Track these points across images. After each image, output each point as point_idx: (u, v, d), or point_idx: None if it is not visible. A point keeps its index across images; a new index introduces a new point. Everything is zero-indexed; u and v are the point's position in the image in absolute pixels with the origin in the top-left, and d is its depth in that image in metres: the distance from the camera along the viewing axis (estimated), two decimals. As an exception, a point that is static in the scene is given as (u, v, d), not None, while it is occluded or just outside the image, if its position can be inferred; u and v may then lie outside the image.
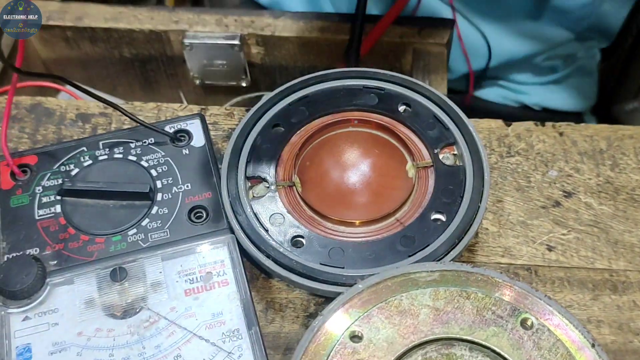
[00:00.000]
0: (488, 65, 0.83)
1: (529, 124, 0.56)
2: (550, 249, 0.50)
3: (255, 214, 0.45)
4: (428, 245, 0.43)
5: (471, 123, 0.48)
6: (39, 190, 0.48)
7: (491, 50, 0.82)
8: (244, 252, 0.45)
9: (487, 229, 0.51)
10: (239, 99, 0.71)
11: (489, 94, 0.89)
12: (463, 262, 0.48)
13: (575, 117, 0.91)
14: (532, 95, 0.89)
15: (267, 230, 0.44)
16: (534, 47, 0.82)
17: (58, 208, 0.47)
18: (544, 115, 0.89)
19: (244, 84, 0.72)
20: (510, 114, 0.89)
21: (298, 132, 0.49)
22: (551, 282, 0.49)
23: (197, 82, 0.73)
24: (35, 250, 0.45)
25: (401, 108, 0.50)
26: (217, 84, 0.73)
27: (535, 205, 0.52)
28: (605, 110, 1.00)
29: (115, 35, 0.70)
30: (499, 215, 0.52)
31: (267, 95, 0.50)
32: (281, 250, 0.43)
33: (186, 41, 0.68)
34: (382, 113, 0.50)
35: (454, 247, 0.43)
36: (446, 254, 0.43)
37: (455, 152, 0.48)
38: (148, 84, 0.76)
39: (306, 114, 0.50)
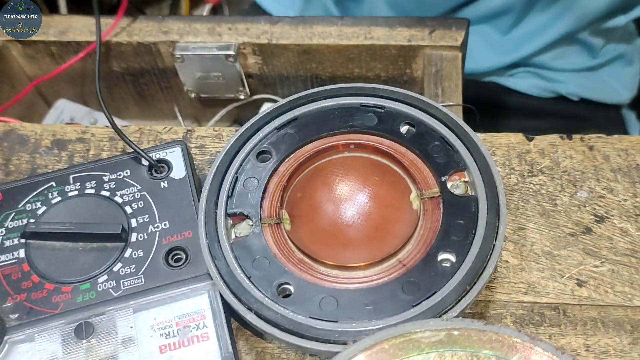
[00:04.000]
0: None
1: (554, 137, 0.50)
2: (580, 284, 0.44)
3: (236, 258, 0.39)
4: (435, 293, 0.37)
5: (483, 145, 0.42)
6: (1, 232, 0.43)
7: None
8: (225, 302, 0.40)
9: (507, 261, 0.45)
10: (224, 111, 0.65)
11: (522, 84, 0.82)
12: (474, 314, 0.42)
13: (613, 109, 0.84)
14: (568, 84, 0.82)
15: (249, 278, 0.38)
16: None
17: (22, 253, 0.43)
18: (580, 108, 0.82)
19: (242, 97, 0.67)
20: (545, 107, 0.82)
21: (287, 159, 0.43)
22: (582, 323, 0.42)
23: (192, 95, 0.68)
24: (-5, 303, 0.41)
25: (404, 129, 0.44)
26: (213, 97, 0.68)
27: (563, 233, 0.46)
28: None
29: (102, 49, 0.65)
30: (521, 245, 0.45)
31: (252, 119, 0.44)
32: (265, 301, 0.37)
33: (177, 53, 0.63)
34: (382, 135, 0.43)
35: (464, 295, 0.37)
36: (456, 304, 0.37)
37: (467, 179, 0.41)
38: (142, 99, 0.71)
39: (296, 138, 0.44)
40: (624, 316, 0.42)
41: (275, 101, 0.63)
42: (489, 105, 0.82)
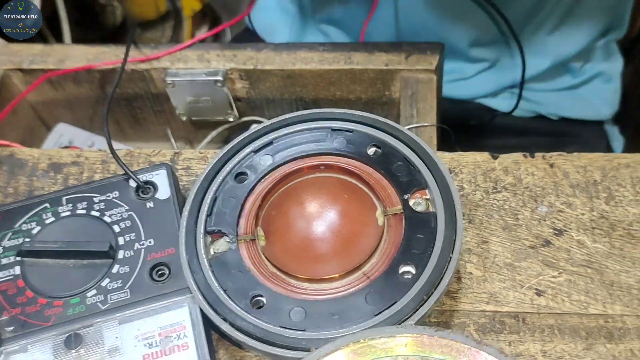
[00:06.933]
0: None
1: (517, 156, 0.53)
2: (539, 293, 0.47)
3: (213, 273, 0.42)
4: (395, 303, 0.40)
5: (443, 165, 0.45)
6: (-1, 251, 0.47)
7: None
8: (204, 313, 0.43)
9: (471, 273, 0.48)
10: (214, 133, 0.69)
11: (505, 105, 0.85)
12: (440, 322, 0.45)
13: (595, 126, 0.86)
14: (547, 105, 0.84)
15: (225, 290, 0.42)
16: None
17: (17, 270, 0.46)
18: (563, 125, 0.85)
19: (231, 119, 0.71)
20: (528, 125, 0.85)
21: (263, 180, 0.47)
22: (540, 330, 0.45)
23: (184, 118, 0.71)
24: (-8, 317, 0.44)
25: (371, 150, 0.47)
26: (204, 119, 0.71)
27: (524, 245, 0.49)
28: (629, 117, 0.95)
29: (98, 76, 0.69)
30: (484, 258, 0.48)
31: (230, 143, 0.48)
32: (239, 312, 0.41)
33: (168, 79, 0.66)
34: (351, 156, 0.47)
35: (422, 304, 0.40)
36: (414, 312, 0.40)
37: (428, 197, 0.44)
38: (136, 122, 0.75)
39: (271, 160, 0.47)
40: (580, 323, 0.45)
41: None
42: (471, 124, 0.84)
